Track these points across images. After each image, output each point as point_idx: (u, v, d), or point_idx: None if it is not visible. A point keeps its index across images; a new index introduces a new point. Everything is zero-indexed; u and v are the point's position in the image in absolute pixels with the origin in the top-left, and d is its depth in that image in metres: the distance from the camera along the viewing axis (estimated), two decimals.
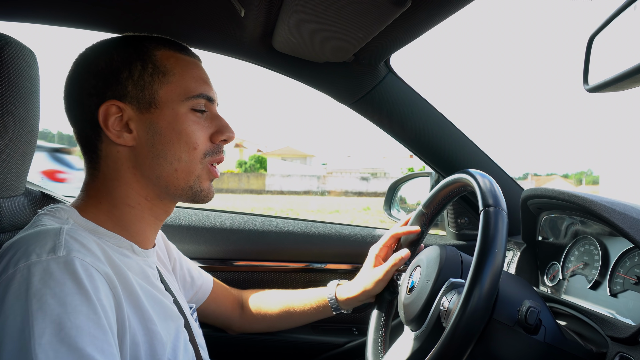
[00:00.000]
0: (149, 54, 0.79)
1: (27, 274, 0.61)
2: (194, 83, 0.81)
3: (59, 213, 0.75)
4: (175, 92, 0.79)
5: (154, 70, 0.78)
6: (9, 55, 0.71)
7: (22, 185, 0.83)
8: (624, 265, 0.94)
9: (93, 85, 0.77)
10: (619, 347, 0.81)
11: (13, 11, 0.99)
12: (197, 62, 0.85)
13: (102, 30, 1.04)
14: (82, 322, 0.60)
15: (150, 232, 0.84)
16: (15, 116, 0.73)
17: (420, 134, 1.38)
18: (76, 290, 0.61)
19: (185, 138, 0.78)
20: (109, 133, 0.76)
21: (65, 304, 0.60)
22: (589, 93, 0.66)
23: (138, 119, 0.77)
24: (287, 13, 0.87)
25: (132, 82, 0.77)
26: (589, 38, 0.67)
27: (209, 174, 0.83)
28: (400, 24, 0.88)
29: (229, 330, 1.24)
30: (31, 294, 0.59)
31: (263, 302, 1.22)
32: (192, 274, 1.12)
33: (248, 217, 1.50)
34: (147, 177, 0.79)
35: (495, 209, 0.76)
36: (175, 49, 0.82)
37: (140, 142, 0.77)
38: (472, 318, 0.70)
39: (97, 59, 0.78)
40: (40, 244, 0.65)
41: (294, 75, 1.23)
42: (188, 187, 0.81)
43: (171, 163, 0.78)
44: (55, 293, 0.60)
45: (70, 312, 0.59)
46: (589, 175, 49.14)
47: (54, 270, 0.62)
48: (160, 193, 0.81)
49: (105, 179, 0.79)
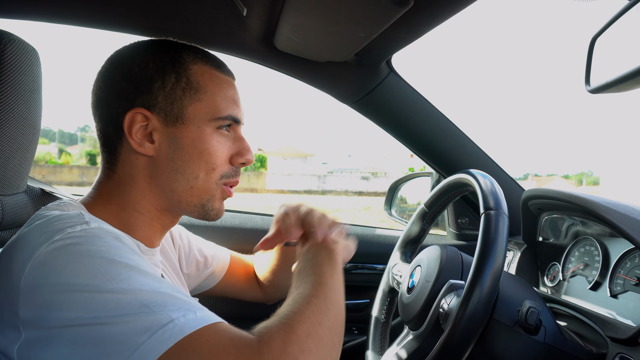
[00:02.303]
0: (185, 67, 0.78)
1: (70, 240, 0.61)
2: (224, 103, 0.79)
3: (67, 207, 0.74)
4: (204, 111, 0.77)
5: (187, 85, 0.77)
6: (12, 52, 0.71)
7: (24, 183, 0.83)
8: (625, 266, 0.94)
9: (124, 88, 0.76)
10: (619, 347, 0.81)
11: (16, 9, 1.00)
12: (231, 80, 0.84)
13: (105, 28, 1.04)
14: (142, 264, 0.63)
15: (156, 237, 0.84)
16: (17, 113, 0.73)
17: (422, 133, 1.38)
18: (122, 245, 0.64)
19: (206, 157, 0.78)
20: (131, 140, 0.76)
21: (121, 255, 0.61)
22: (591, 94, 0.66)
23: (162, 131, 0.76)
24: (289, 12, 0.87)
25: (163, 94, 0.76)
26: (591, 39, 0.66)
27: (222, 194, 0.82)
28: (402, 24, 0.88)
29: (261, 301, 1.19)
30: (84, 251, 0.60)
31: (257, 268, 1.17)
32: (204, 253, 1.10)
33: (249, 215, 1.50)
34: (161, 189, 0.78)
35: (496, 212, 0.76)
36: (212, 65, 0.81)
37: (161, 154, 0.77)
38: (470, 321, 0.70)
39: (132, 62, 0.77)
40: (68, 221, 0.65)
41: (295, 74, 1.23)
42: (201, 205, 0.80)
43: (188, 180, 0.78)
44: (110, 246, 0.62)
45: (128, 255, 0.62)
46: (589, 176, 49.14)
47: (95, 233, 0.63)
48: (172, 206, 0.80)
49: (120, 182, 0.78)
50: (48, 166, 31.95)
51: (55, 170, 30.07)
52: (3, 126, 0.71)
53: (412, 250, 1.13)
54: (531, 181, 40.11)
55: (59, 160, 41.92)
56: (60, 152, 50.04)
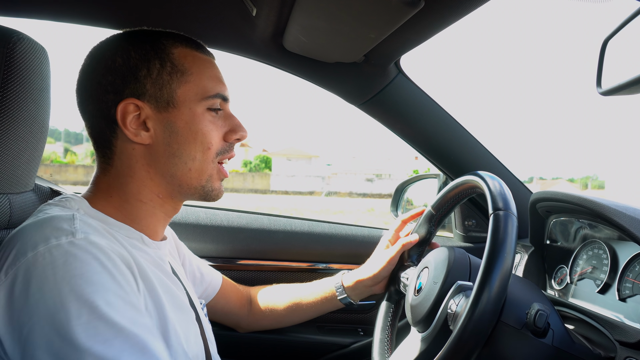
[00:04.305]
0: (167, 52, 0.78)
1: (50, 257, 0.62)
2: (211, 83, 0.81)
3: (69, 203, 0.75)
4: (193, 92, 0.79)
5: (173, 69, 0.78)
6: (21, 51, 0.71)
7: (32, 182, 0.84)
8: (633, 269, 0.93)
9: (110, 81, 0.76)
10: (628, 351, 0.81)
11: (24, 7, 1.00)
12: (212, 60, 0.85)
13: (113, 27, 1.05)
14: (112, 298, 0.62)
15: (159, 227, 0.85)
16: (26, 112, 0.73)
17: (429, 135, 1.38)
18: (101, 269, 0.64)
19: (201, 138, 0.79)
20: (126, 131, 0.76)
21: (94, 283, 0.62)
22: (603, 96, 0.66)
23: (156, 117, 0.77)
24: (298, 13, 0.87)
25: (150, 81, 0.77)
26: (603, 41, 0.66)
27: (219, 174, 0.84)
28: (412, 25, 0.87)
29: (238, 328, 1.24)
30: (59, 278, 0.61)
31: (271, 297, 1.21)
32: (201, 270, 1.12)
33: (255, 216, 1.50)
34: (161, 175, 0.79)
35: (505, 212, 0.76)
36: (192, 46, 0.82)
37: (157, 141, 0.78)
38: (479, 322, 0.70)
39: (114, 54, 0.78)
40: (56, 228, 0.66)
41: (303, 75, 1.23)
42: (200, 186, 0.81)
43: (186, 162, 0.79)
44: (82, 274, 0.62)
45: (100, 290, 0.62)
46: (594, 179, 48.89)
47: (76, 252, 0.63)
48: (173, 191, 0.81)
49: (118, 174, 0.79)
50: (53, 165, 32.18)
51: (60, 169, 30.32)
52: (12, 125, 0.71)
53: (419, 252, 1.13)
54: (536, 184, 39.90)
55: (64, 159, 42.17)
56: (65, 151, 50.32)
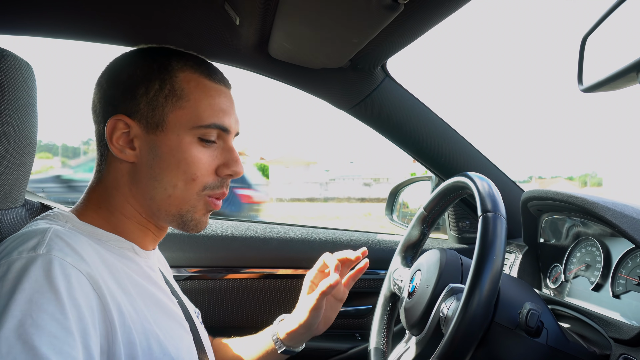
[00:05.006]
0: (171, 74, 0.77)
1: (5, 270, 0.61)
2: (208, 112, 0.77)
3: (57, 217, 0.75)
4: (185, 119, 0.76)
5: (170, 92, 0.76)
6: (6, 68, 0.72)
7: (22, 197, 0.83)
8: (626, 266, 0.93)
9: (111, 94, 0.77)
10: (623, 348, 0.80)
11: (12, 24, 1.00)
12: (222, 88, 0.81)
13: (98, 41, 1.05)
14: (45, 321, 0.59)
15: (149, 241, 0.84)
16: (12, 128, 0.73)
17: (419, 137, 1.38)
18: (47, 288, 0.60)
19: (184, 167, 0.76)
20: (112, 147, 0.76)
21: (32, 302, 0.59)
22: (584, 93, 0.66)
23: (143, 138, 0.76)
24: (281, 20, 0.87)
25: (145, 100, 0.76)
26: (582, 38, 0.66)
27: (206, 206, 0.80)
28: (394, 29, 0.88)
29: None
30: (5, 291, 0.59)
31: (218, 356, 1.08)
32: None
33: (249, 224, 1.50)
34: (141, 195, 0.78)
35: (493, 214, 0.76)
36: (202, 72, 0.79)
37: (141, 161, 0.77)
38: (470, 325, 0.70)
39: (122, 69, 0.78)
40: (24, 242, 0.65)
41: (290, 81, 1.24)
42: (179, 214, 0.79)
43: (165, 189, 0.77)
44: (24, 289, 0.59)
45: (34, 310, 0.58)
46: (593, 177, 48.96)
47: (30, 267, 0.61)
48: (152, 213, 0.80)
49: (107, 186, 0.79)
50: None
51: None
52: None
53: (413, 254, 1.12)
54: (535, 183, 39.95)
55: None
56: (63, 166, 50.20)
